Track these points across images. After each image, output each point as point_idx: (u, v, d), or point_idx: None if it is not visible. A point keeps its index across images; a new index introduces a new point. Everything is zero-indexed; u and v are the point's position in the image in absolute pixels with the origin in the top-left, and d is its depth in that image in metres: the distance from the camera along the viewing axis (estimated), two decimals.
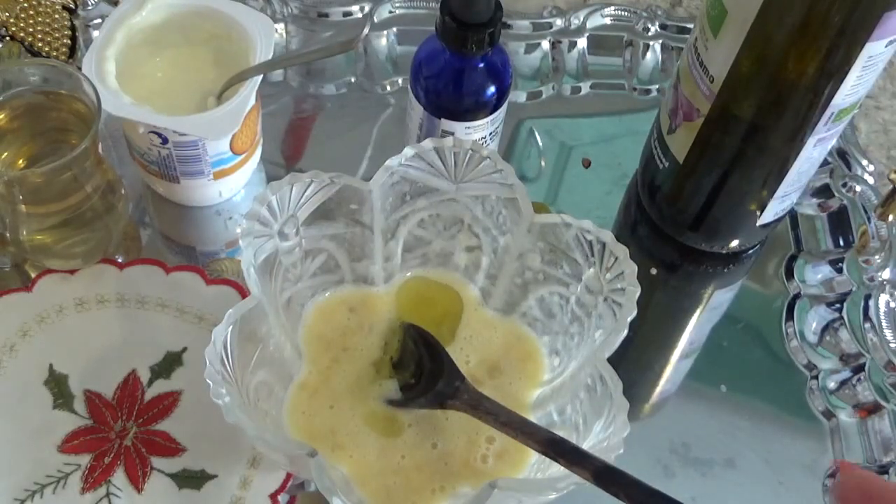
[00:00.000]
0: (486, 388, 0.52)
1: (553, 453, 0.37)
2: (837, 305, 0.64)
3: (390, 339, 0.55)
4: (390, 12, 0.73)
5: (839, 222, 0.67)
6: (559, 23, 0.74)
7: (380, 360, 0.54)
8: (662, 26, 0.75)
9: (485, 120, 0.58)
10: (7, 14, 0.66)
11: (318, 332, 0.55)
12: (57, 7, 0.68)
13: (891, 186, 0.64)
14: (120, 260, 0.60)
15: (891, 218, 0.65)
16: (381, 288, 0.57)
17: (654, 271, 0.64)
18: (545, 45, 0.74)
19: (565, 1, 0.76)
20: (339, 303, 0.56)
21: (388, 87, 0.71)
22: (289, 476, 0.53)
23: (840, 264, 0.65)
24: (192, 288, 0.58)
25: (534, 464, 0.51)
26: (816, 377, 0.61)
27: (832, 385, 0.61)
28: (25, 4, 0.67)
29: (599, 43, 0.74)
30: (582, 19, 0.74)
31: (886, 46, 0.48)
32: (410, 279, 0.57)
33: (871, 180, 0.68)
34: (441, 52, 0.56)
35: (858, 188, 0.68)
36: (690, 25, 0.75)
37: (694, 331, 0.64)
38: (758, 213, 0.60)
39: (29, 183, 0.53)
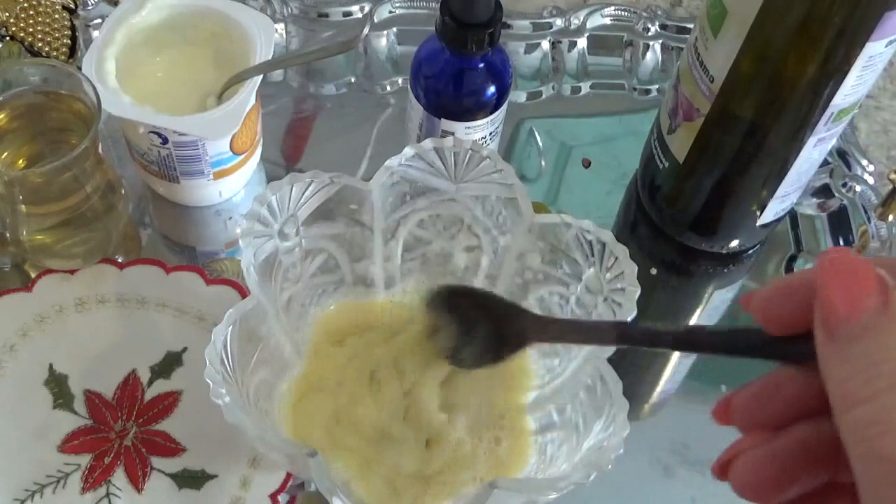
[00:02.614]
0: (476, 393, 0.52)
1: (629, 342, 0.36)
2: None
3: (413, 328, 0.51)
4: (390, 12, 0.73)
5: (839, 222, 0.67)
6: (559, 23, 0.74)
7: (387, 358, 0.54)
8: (662, 26, 0.75)
9: (485, 120, 0.58)
10: (7, 14, 0.66)
11: (321, 334, 0.55)
12: (57, 7, 0.68)
13: (891, 186, 0.64)
14: (120, 260, 0.60)
15: (891, 218, 0.65)
16: (383, 294, 0.56)
17: (654, 271, 0.64)
18: (545, 45, 0.74)
19: (565, 1, 0.76)
20: (344, 305, 0.56)
21: (388, 87, 0.71)
22: (289, 476, 0.53)
23: None
24: (192, 288, 0.58)
25: (533, 463, 0.51)
26: None
27: None
28: (25, 4, 0.67)
29: (599, 43, 0.74)
30: (582, 19, 0.74)
31: (886, 46, 0.48)
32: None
33: (871, 180, 0.68)
34: (441, 52, 0.56)
35: (858, 188, 0.68)
36: (690, 25, 0.75)
37: None
38: (758, 213, 0.60)
39: (29, 183, 0.53)
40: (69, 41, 0.68)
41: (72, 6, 0.69)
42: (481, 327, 0.43)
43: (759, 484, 0.29)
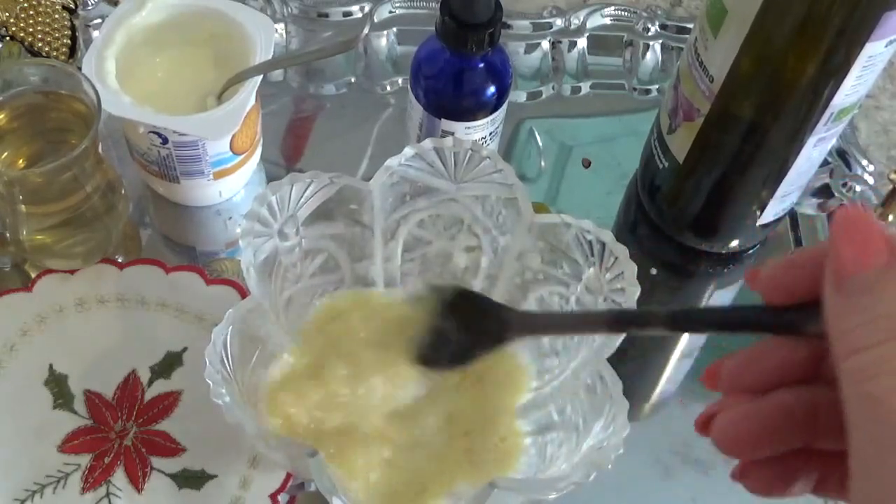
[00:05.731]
0: (468, 393, 0.52)
1: (623, 327, 0.36)
2: None
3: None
4: (390, 12, 0.73)
5: None
6: (559, 23, 0.74)
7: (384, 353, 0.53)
8: (662, 26, 0.75)
9: (485, 120, 0.58)
10: (7, 14, 0.66)
11: (319, 333, 0.55)
12: (57, 7, 0.68)
13: (891, 186, 0.64)
14: (120, 260, 0.60)
15: (891, 218, 0.65)
16: (382, 292, 0.56)
17: (654, 271, 0.64)
18: (545, 45, 0.74)
19: (565, 1, 0.76)
20: (342, 304, 0.56)
21: (388, 87, 0.71)
22: (289, 476, 0.53)
23: None
24: (192, 288, 0.58)
25: (532, 461, 0.51)
26: None
27: None
28: (25, 4, 0.67)
29: (599, 43, 0.74)
30: (582, 19, 0.74)
31: (886, 46, 0.48)
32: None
33: (871, 180, 0.68)
34: (441, 52, 0.56)
35: (858, 188, 0.68)
36: (690, 25, 0.75)
37: None
38: (758, 213, 0.60)
39: (29, 183, 0.53)
40: (69, 41, 0.68)
41: (72, 6, 0.69)
42: (457, 327, 0.41)
43: (737, 438, 0.31)
